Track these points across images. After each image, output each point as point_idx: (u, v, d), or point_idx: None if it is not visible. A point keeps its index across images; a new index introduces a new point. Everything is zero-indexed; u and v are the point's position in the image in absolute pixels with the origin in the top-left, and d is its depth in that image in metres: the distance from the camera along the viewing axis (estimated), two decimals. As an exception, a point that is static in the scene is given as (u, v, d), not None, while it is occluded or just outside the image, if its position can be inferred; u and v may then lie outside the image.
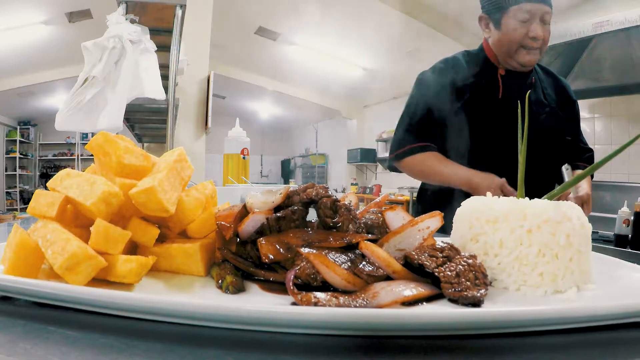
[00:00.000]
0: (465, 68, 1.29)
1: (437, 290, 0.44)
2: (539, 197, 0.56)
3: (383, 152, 7.65)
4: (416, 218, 0.52)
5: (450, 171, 1.23)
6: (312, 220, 0.57)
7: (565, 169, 1.23)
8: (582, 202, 1.19)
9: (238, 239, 0.55)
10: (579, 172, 1.31)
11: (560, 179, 1.26)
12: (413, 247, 0.50)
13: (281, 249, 0.48)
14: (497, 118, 1.21)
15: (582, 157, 1.42)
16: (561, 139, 1.32)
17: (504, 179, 1.14)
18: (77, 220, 0.49)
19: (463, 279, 0.44)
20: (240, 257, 0.52)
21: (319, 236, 0.51)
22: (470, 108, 1.23)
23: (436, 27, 5.05)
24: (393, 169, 1.39)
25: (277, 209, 0.54)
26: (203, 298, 0.43)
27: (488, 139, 1.21)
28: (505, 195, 1.09)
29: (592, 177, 1.36)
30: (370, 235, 0.52)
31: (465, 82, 1.26)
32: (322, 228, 0.54)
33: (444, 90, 1.25)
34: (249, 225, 0.52)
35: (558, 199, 0.55)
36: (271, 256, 0.48)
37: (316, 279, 0.44)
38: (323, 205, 0.54)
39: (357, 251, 0.48)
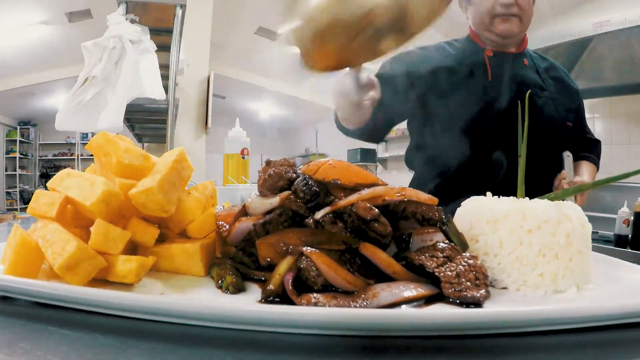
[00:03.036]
0: (451, 53, 1.24)
1: (437, 290, 0.44)
2: (540, 187, 0.55)
3: (383, 153, 7.64)
4: (424, 228, 0.52)
5: None
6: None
7: (567, 155, 1.17)
8: None
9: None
10: (583, 163, 1.27)
11: (560, 168, 1.19)
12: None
13: (279, 252, 0.48)
14: (488, 102, 1.14)
15: (586, 146, 1.34)
16: (562, 125, 1.24)
17: None
18: (77, 220, 0.49)
19: (463, 279, 0.44)
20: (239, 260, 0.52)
21: (317, 237, 0.50)
22: (458, 93, 1.17)
23: (429, 24, 5.05)
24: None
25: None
26: (203, 298, 0.43)
27: (480, 124, 1.14)
28: None
29: (597, 168, 1.30)
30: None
31: (451, 66, 1.20)
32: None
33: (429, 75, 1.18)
34: (237, 234, 0.52)
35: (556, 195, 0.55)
36: (269, 259, 0.48)
37: (316, 282, 0.44)
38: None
39: (357, 251, 0.48)
